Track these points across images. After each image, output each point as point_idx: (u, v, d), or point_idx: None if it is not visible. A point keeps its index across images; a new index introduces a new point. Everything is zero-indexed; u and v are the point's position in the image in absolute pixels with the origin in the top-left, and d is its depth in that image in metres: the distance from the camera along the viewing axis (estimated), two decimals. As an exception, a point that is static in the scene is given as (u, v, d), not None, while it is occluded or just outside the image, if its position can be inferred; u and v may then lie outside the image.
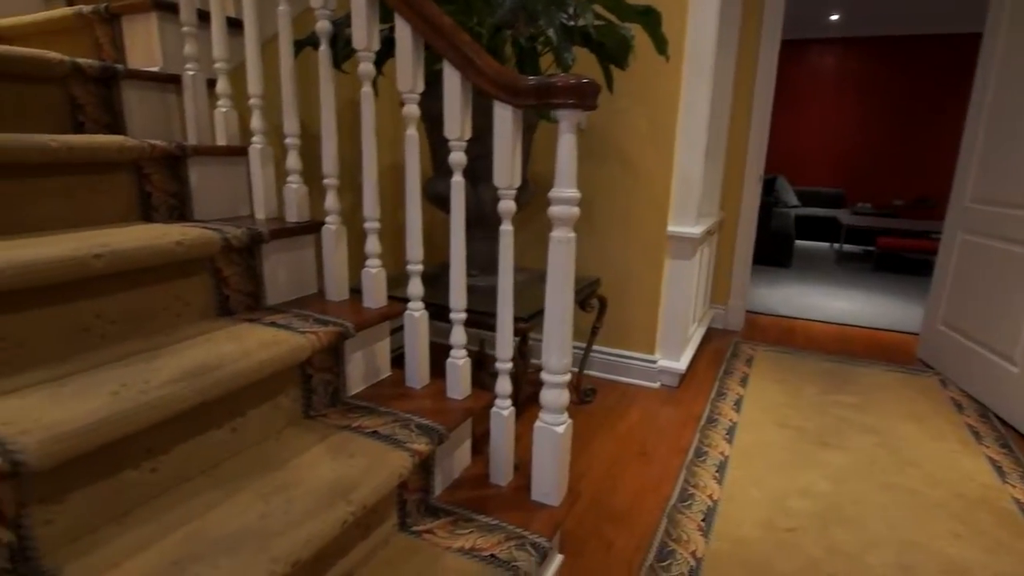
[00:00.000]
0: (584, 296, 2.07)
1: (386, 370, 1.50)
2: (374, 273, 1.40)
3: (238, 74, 1.68)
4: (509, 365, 1.29)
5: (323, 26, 1.28)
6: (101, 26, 1.57)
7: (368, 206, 1.36)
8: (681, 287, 2.41)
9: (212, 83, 1.54)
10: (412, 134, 1.25)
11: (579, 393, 2.32)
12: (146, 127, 1.48)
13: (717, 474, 1.83)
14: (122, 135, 1.37)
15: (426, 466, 1.26)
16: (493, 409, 1.32)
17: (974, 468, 1.91)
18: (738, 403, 2.37)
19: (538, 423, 1.26)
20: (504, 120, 1.12)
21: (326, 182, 1.38)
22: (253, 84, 1.41)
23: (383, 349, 1.47)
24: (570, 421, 1.29)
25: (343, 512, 0.95)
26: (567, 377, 1.23)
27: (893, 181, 7.09)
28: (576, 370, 2.36)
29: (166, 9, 1.49)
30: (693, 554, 1.46)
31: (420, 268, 1.35)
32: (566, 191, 1.09)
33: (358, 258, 1.57)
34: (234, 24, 1.62)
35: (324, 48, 1.30)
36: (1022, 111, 2.31)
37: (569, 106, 1.04)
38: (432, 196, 1.84)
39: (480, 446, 1.57)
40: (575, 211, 1.11)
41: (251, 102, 1.43)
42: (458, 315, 1.33)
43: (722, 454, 1.95)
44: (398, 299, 1.47)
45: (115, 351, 1.05)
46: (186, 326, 1.20)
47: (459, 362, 1.37)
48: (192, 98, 1.48)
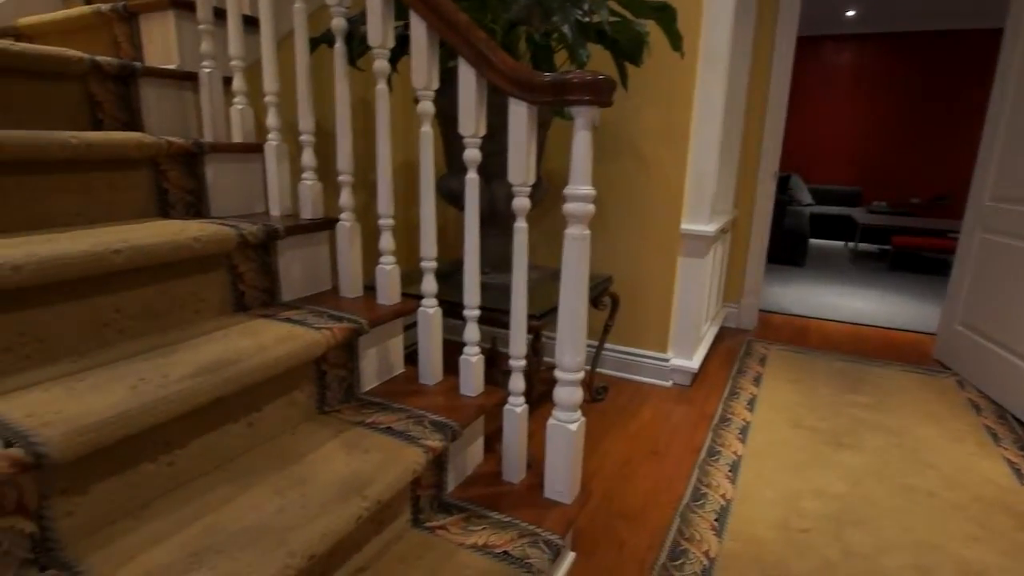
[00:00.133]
0: (596, 294, 2.06)
1: (399, 366, 1.50)
2: (388, 270, 1.41)
3: (254, 71, 1.69)
4: (523, 362, 1.29)
5: (339, 23, 1.29)
6: (119, 24, 1.59)
7: (382, 203, 1.36)
8: (694, 285, 2.40)
9: (228, 80, 1.55)
10: (427, 131, 1.25)
11: (591, 391, 2.31)
12: (163, 124, 1.50)
13: (730, 474, 1.82)
14: (140, 132, 1.38)
15: (439, 462, 1.26)
16: (506, 406, 1.32)
17: (992, 470, 1.88)
18: (751, 402, 2.35)
19: (551, 420, 1.26)
20: (519, 117, 1.11)
21: (341, 179, 1.38)
22: (269, 82, 1.42)
23: (397, 346, 1.47)
24: (583, 419, 1.28)
25: (358, 507, 0.95)
26: (581, 375, 1.23)
27: (909, 179, 7.00)
28: (588, 368, 2.35)
29: (183, 7, 1.50)
30: (706, 554, 1.45)
31: (434, 265, 1.35)
32: (581, 188, 1.09)
33: (370, 255, 1.58)
34: (250, 22, 1.63)
35: (339, 45, 1.30)
36: (1044, 108, 2.27)
37: (585, 102, 1.04)
38: (445, 193, 1.85)
39: (492, 443, 1.57)
40: (590, 208, 1.10)
41: (267, 99, 1.43)
42: (472, 312, 1.33)
43: (735, 454, 1.94)
44: (411, 296, 1.48)
45: (133, 346, 1.06)
46: (202, 322, 1.21)
47: (472, 359, 1.37)
48: (208, 95, 1.49)
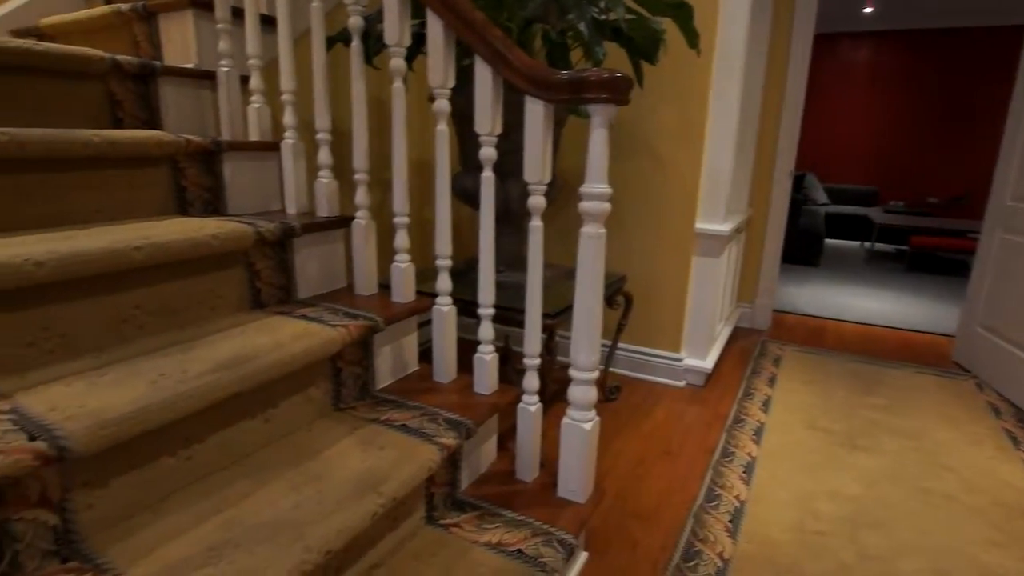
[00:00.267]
0: (610, 293, 2.05)
1: (414, 364, 1.51)
2: (403, 268, 1.41)
3: (271, 70, 1.70)
4: (537, 361, 1.28)
5: (355, 22, 1.29)
6: (139, 24, 1.61)
7: (398, 201, 1.37)
8: (708, 285, 2.38)
9: (245, 79, 1.56)
10: (443, 129, 1.25)
11: (604, 391, 2.31)
12: (181, 123, 1.51)
13: (744, 475, 1.81)
14: (159, 130, 1.40)
15: (453, 460, 1.26)
16: (520, 405, 1.32)
17: (1012, 475, 1.85)
18: (766, 403, 2.33)
19: (566, 420, 1.26)
20: (536, 115, 1.11)
21: (356, 177, 1.39)
22: (286, 80, 1.42)
23: (411, 343, 1.48)
24: (597, 418, 1.28)
25: (373, 504, 0.96)
26: (595, 374, 1.23)
27: (927, 179, 6.90)
28: (601, 368, 2.34)
29: (201, 6, 1.52)
30: (720, 555, 1.44)
31: (449, 263, 1.35)
32: (598, 186, 1.08)
33: (383, 253, 1.58)
34: (267, 21, 1.64)
35: (356, 44, 1.31)
36: (1069, 106, 2.23)
37: (602, 101, 1.03)
38: (459, 192, 1.85)
39: (505, 442, 1.57)
40: (606, 207, 1.10)
41: (283, 98, 1.44)
42: (486, 311, 1.33)
43: (749, 455, 1.93)
44: (425, 294, 1.48)
45: (153, 341, 1.07)
46: (220, 318, 1.22)
47: (486, 357, 1.37)
48: (226, 94, 1.50)
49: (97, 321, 1.00)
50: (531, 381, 1.30)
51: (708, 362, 2.45)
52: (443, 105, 1.25)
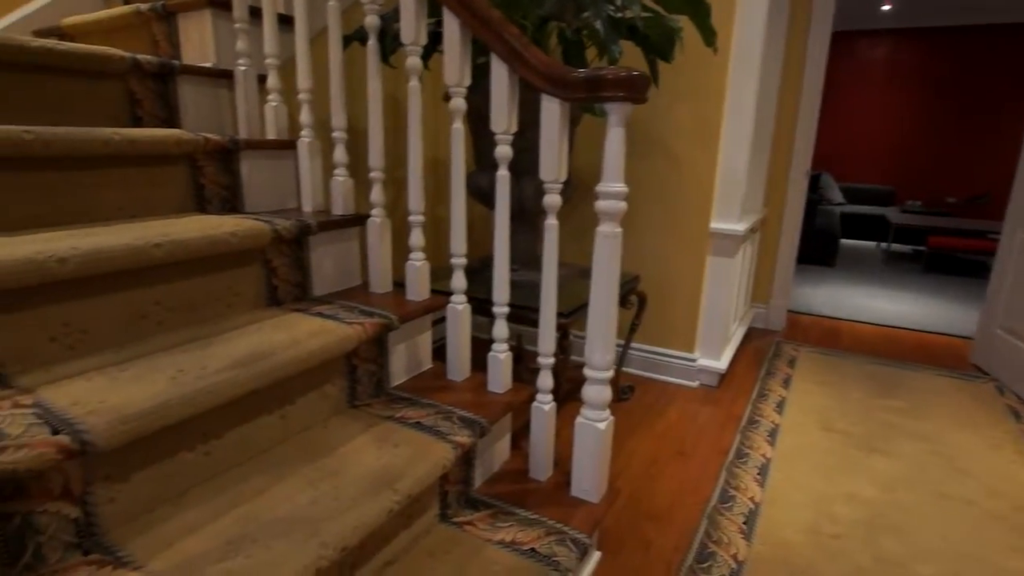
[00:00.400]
0: (624, 292, 2.04)
1: (427, 362, 1.51)
2: (418, 266, 1.41)
3: (287, 69, 1.72)
4: (551, 360, 1.28)
5: (372, 21, 1.30)
6: (158, 23, 1.62)
7: (413, 200, 1.37)
8: (722, 285, 2.37)
9: (262, 78, 1.57)
10: (458, 128, 1.25)
11: (617, 390, 2.30)
12: (200, 121, 1.53)
13: (759, 476, 1.79)
14: (178, 129, 1.41)
15: (467, 458, 1.27)
16: (534, 404, 1.32)
17: (1034, 479, 1.82)
18: (780, 405, 2.31)
19: (579, 419, 1.26)
20: (552, 113, 1.11)
21: (372, 175, 1.39)
22: (302, 79, 1.43)
23: (425, 341, 1.48)
24: (612, 418, 1.27)
25: (389, 501, 0.96)
26: (610, 373, 1.22)
27: (945, 178, 6.80)
28: (614, 367, 2.33)
29: (219, 6, 1.53)
30: (734, 557, 1.43)
31: (464, 262, 1.35)
32: (614, 185, 1.08)
33: (396, 251, 1.59)
34: (284, 20, 1.65)
35: (372, 43, 1.32)
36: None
37: (619, 99, 1.03)
38: (473, 190, 1.85)
39: (518, 440, 1.57)
40: (623, 206, 1.09)
41: (300, 97, 1.45)
42: (501, 309, 1.33)
43: (764, 456, 1.91)
44: (439, 292, 1.48)
45: (172, 337, 1.09)
46: (237, 315, 1.23)
47: (501, 356, 1.37)
48: (243, 93, 1.52)
49: (117, 317, 1.02)
50: (545, 380, 1.29)
51: (722, 362, 2.44)
52: (459, 103, 1.25)
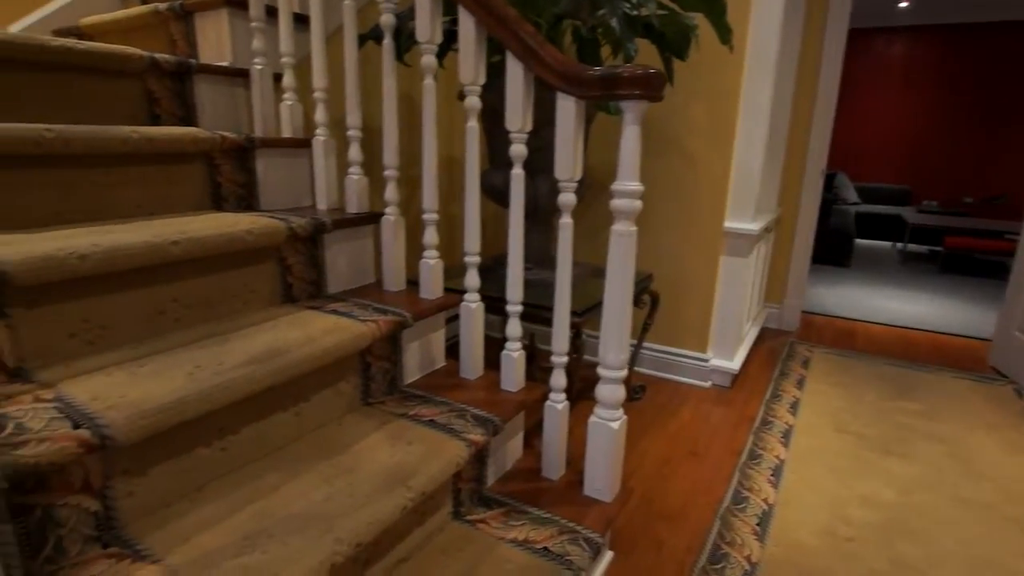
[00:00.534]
0: (637, 292, 2.03)
1: (441, 360, 1.51)
2: (432, 264, 1.42)
3: (303, 68, 1.73)
4: (565, 359, 1.28)
5: (387, 19, 1.30)
6: (175, 23, 1.64)
7: (427, 198, 1.38)
8: (736, 285, 2.35)
9: (278, 77, 1.58)
10: (473, 126, 1.25)
11: (629, 390, 2.29)
12: (216, 119, 1.54)
13: (772, 478, 1.78)
14: (195, 127, 1.42)
15: (481, 456, 1.27)
16: (547, 403, 1.31)
17: (1054, 484, 1.79)
18: (794, 406, 2.29)
19: (593, 418, 1.25)
20: (567, 112, 1.10)
21: (387, 173, 1.40)
22: (318, 78, 1.44)
23: (438, 339, 1.49)
24: (625, 417, 1.27)
25: (402, 498, 0.97)
26: (624, 373, 1.22)
27: (962, 178, 6.70)
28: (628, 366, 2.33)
29: (236, 5, 1.54)
30: (748, 558, 1.42)
31: (478, 260, 1.35)
32: (629, 184, 1.07)
33: (409, 249, 1.59)
34: (299, 19, 1.66)
35: (388, 41, 1.32)
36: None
37: (635, 97, 1.02)
38: (487, 188, 1.85)
39: (530, 439, 1.57)
40: (638, 204, 1.09)
41: (315, 95, 1.46)
42: (514, 308, 1.33)
43: (777, 458, 1.90)
44: (452, 291, 1.48)
45: (189, 334, 1.10)
46: (253, 312, 1.24)
47: (514, 354, 1.37)
48: (259, 91, 1.53)
49: (136, 313, 1.03)
50: (559, 379, 1.29)
51: (735, 363, 2.42)
52: (474, 102, 1.25)
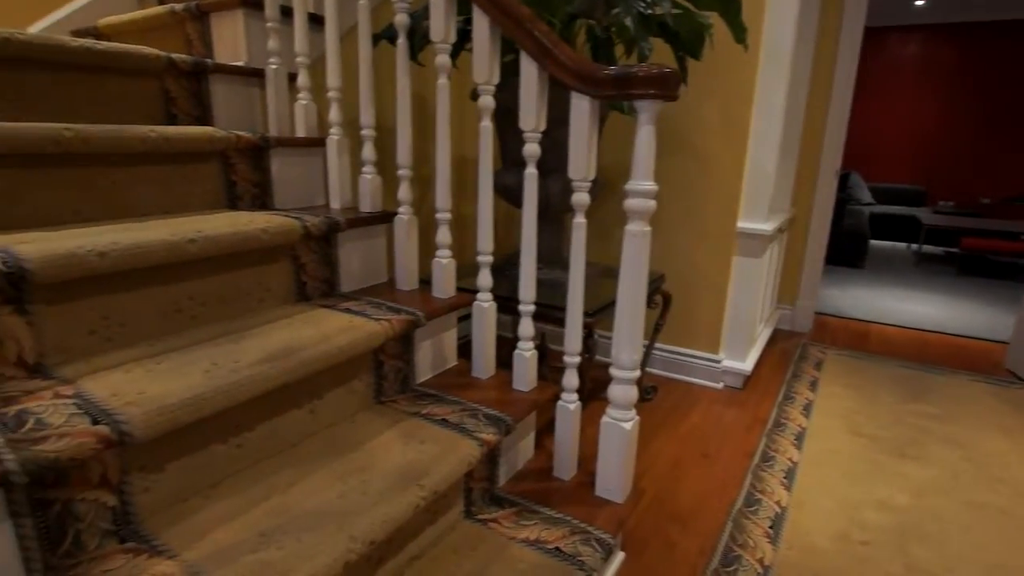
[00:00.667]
0: (649, 292, 2.03)
1: (452, 359, 1.52)
2: (445, 264, 1.42)
3: (317, 68, 1.73)
4: (577, 359, 1.28)
5: (402, 19, 1.30)
6: (191, 23, 1.65)
7: (440, 197, 1.38)
8: (749, 286, 2.33)
9: (293, 77, 1.59)
10: (487, 125, 1.26)
11: (640, 390, 2.28)
12: (231, 119, 1.55)
13: (785, 480, 1.76)
14: (210, 127, 1.44)
15: (492, 456, 1.27)
16: (559, 403, 1.31)
17: (1073, 489, 1.76)
18: (807, 408, 2.27)
19: (605, 418, 1.25)
20: (581, 111, 1.10)
21: (400, 173, 1.40)
22: (332, 78, 1.45)
23: (450, 339, 1.49)
24: (637, 418, 1.27)
25: (416, 496, 0.97)
26: (637, 373, 1.21)
27: (978, 178, 6.61)
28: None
29: (252, 6, 1.55)
30: (760, 561, 1.41)
31: (490, 259, 1.36)
32: (644, 184, 1.07)
33: (421, 248, 1.59)
34: (314, 19, 1.66)
35: (402, 41, 1.32)
36: None
37: (650, 96, 1.02)
38: (499, 188, 1.85)
39: (541, 439, 1.57)
40: (652, 204, 1.08)
41: (329, 95, 1.46)
42: (527, 307, 1.33)
43: (791, 460, 1.88)
44: (464, 290, 1.49)
45: (205, 331, 1.10)
46: (268, 310, 1.25)
47: (526, 354, 1.37)
48: (274, 91, 1.54)
49: (153, 310, 1.04)
50: (571, 379, 1.29)
51: (747, 364, 2.40)
52: (488, 101, 1.25)
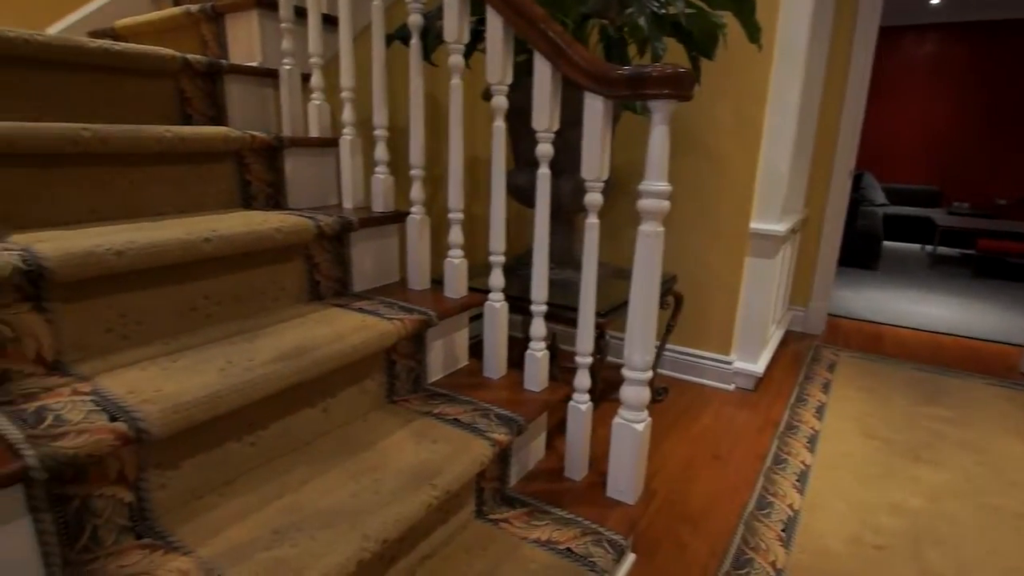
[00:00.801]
0: (661, 292, 2.01)
1: (464, 359, 1.52)
2: (456, 264, 1.42)
3: (330, 68, 1.74)
4: (589, 359, 1.28)
5: (415, 19, 1.31)
6: (206, 24, 1.66)
7: (453, 197, 1.38)
8: (761, 287, 2.32)
9: (306, 77, 1.60)
10: (499, 125, 1.26)
11: (652, 391, 2.27)
12: (246, 119, 1.56)
13: (798, 483, 1.75)
14: (225, 127, 1.45)
15: (503, 456, 1.27)
16: (571, 403, 1.31)
17: (1092, 495, 1.74)
18: (820, 410, 2.25)
19: (617, 419, 1.25)
20: (595, 111, 1.10)
21: (413, 173, 1.41)
22: (345, 78, 1.45)
23: (462, 338, 1.49)
24: (649, 419, 1.26)
25: (428, 496, 0.97)
26: (649, 374, 1.21)
27: (994, 179, 6.53)
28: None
29: (266, 7, 1.56)
30: (772, 564, 1.40)
31: (502, 259, 1.36)
32: (657, 184, 1.07)
33: (432, 248, 1.59)
34: (327, 20, 1.67)
35: (415, 41, 1.33)
36: None
37: (664, 96, 1.01)
38: (511, 188, 1.85)
39: (552, 439, 1.57)
40: (666, 205, 1.08)
41: (343, 95, 1.47)
42: (539, 307, 1.33)
43: (803, 463, 1.87)
44: (476, 290, 1.49)
45: (220, 330, 1.11)
46: (281, 309, 1.26)
47: (538, 354, 1.37)
48: (288, 91, 1.54)
49: (169, 309, 1.05)
50: (583, 379, 1.29)
51: (759, 366, 2.39)
52: (500, 101, 1.25)
